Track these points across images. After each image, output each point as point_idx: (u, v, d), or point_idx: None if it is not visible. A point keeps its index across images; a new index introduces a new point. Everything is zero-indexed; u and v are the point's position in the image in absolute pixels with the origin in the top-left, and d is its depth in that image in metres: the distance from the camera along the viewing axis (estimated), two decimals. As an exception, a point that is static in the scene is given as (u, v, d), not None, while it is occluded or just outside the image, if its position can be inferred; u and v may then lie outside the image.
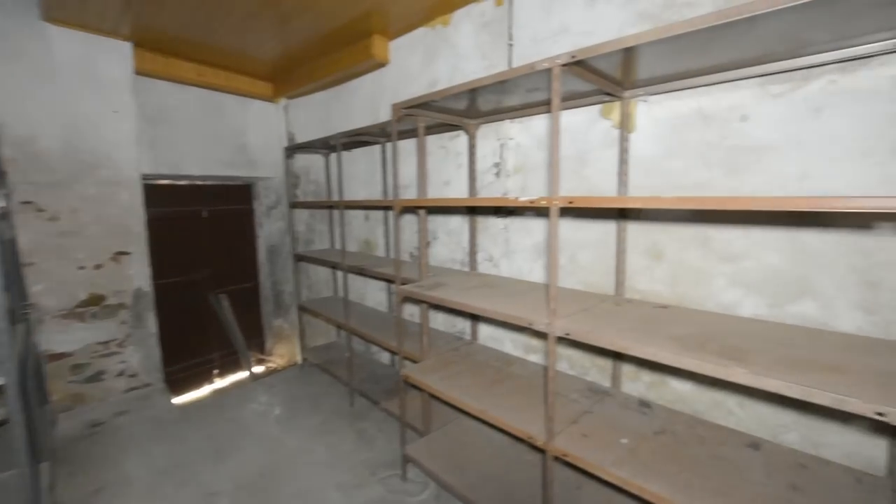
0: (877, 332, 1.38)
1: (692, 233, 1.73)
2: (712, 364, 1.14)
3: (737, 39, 1.25)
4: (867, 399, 0.93)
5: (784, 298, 1.54)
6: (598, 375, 2.08)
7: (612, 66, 1.53)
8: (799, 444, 1.55)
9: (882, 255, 1.35)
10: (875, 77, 1.34)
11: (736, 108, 1.60)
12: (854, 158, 1.38)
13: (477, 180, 2.50)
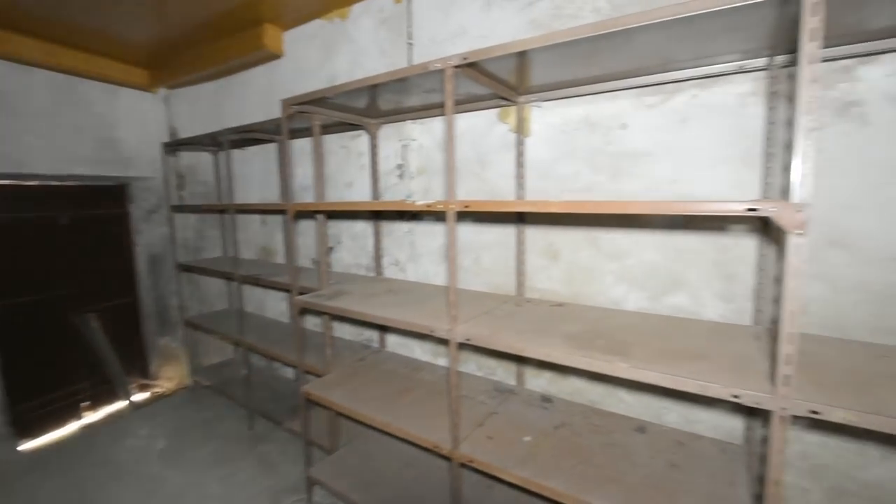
0: (734, 318, 1.55)
1: (583, 234, 1.82)
2: (600, 361, 1.18)
3: (615, 52, 1.32)
4: (725, 384, 1.03)
5: (661, 292, 1.68)
6: (505, 374, 2.12)
7: (505, 71, 1.54)
8: (677, 424, 1.71)
9: (736, 251, 1.53)
10: (724, 93, 1.51)
11: (617, 117, 1.71)
12: (714, 165, 1.55)
13: (380, 182, 2.42)
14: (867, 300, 1.36)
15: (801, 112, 0.88)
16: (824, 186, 1.38)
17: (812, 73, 0.86)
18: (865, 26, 1.17)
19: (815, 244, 1.40)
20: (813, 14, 0.87)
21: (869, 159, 1.33)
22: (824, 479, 1.49)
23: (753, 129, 1.46)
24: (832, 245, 1.39)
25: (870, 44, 1.26)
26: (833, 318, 1.41)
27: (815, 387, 1.01)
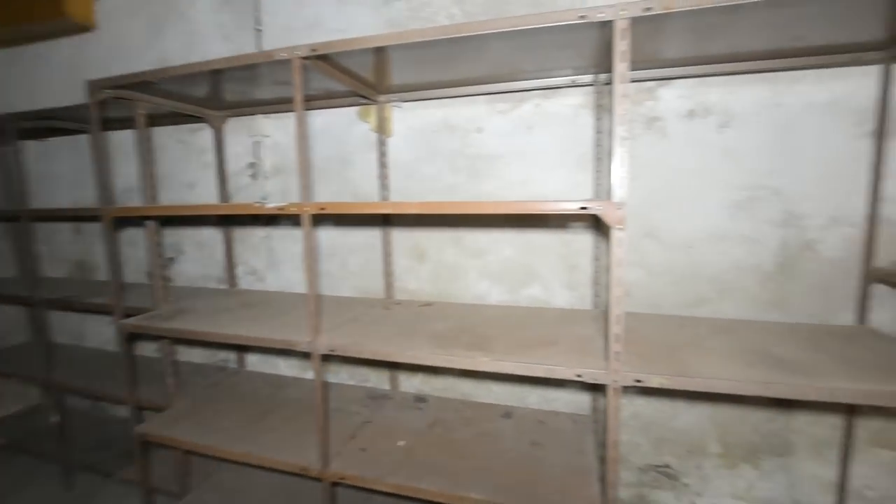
0: (579, 304, 1.75)
1: (448, 234, 1.87)
2: (463, 357, 1.21)
3: (467, 58, 1.37)
4: (570, 365, 1.14)
5: (519, 285, 1.81)
6: (379, 380, 2.07)
7: (362, 68, 1.49)
8: (538, 405, 1.86)
9: (577, 244, 1.72)
10: (562, 104, 1.68)
11: (473, 121, 1.79)
12: (557, 167, 1.72)
13: (229, 182, 2.15)
14: (673, 280, 1.66)
15: (616, 123, 1.01)
16: (639, 187, 1.64)
17: (623, 90, 1.00)
18: (661, 55, 1.41)
19: (633, 236, 1.65)
20: (622, 38, 1.00)
21: (669, 165, 1.61)
22: (650, 432, 1.78)
23: (585, 137, 1.66)
24: (647, 236, 1.65)
25: (666, 70, 1.52)
26: (650, 297, 1.68)
27: (638, 358, 1.18)
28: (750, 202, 1.55)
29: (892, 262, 1.39)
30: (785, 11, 1.04)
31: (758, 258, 1.57)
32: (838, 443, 1.61)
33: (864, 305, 1.48)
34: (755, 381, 1.05)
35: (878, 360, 1.17)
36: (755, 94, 1.52)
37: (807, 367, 1.13)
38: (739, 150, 1.55)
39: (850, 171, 1.47)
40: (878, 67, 1.37)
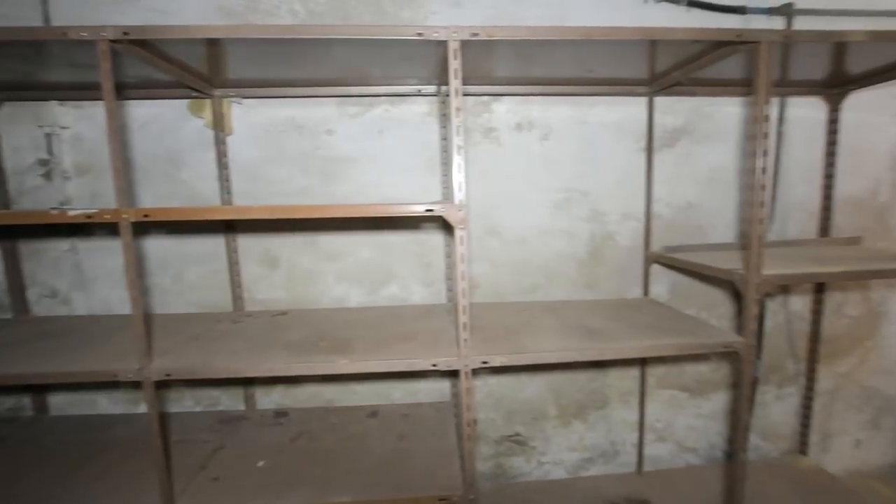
0: (434, 299, 1.87)
1: (302, 238, 1.81)
2: (322, 363, 1.20)
3: (313, 59, 1.35)
4: (426, 357, 1.22)
5: (378, 285, 1.85)
6: (231, 400, 1.89)
7: (191, 58, 1.34)
8: (403, 398, 1.93)
9: (430, 243, 1.84)
10: (410, 111, 1.77)
11: (323, 122, 1.76)
12: (407, 171, 1.80)
13: (9, 183, 1.71)
14: (512, 271, 1.89)
15: (453, 133, 1.12)
16: (482, 190, 1.82)
17: (458, 104, 1.11)
18: (494, 74, 1.60)
19: (479, 234, 1.84)
20: (455, 58, 1.11)
21: (504, 170, 1.83)
22: (502, 407, 2.00)
23: (433, 143, 1.78)
24: (489, 234, 1.85)
25: (498, 87, 1.72)
26: (494, 287, 1.88)
27: (484, 343, 1.32)
28: (566, 202, 1.87)
29: (661, 247, 1.83)
30: (575, 49, 1.28)
31: (574, 248, 1.90)
32: (637, 390, 2.04)
33: (646, 281, 1.91)
34: (573, 349, 1.28)
35: (656, 323, 1.53)
36: (566, 112, 1.82)
37: (609, 333, 1.42)
38: (557, 159, 1.84)
39: (634, 177, 1.88)
40: (645, 98, 1.79)
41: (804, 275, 1.39)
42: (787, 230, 2.03)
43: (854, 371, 2.29)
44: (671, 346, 1.31)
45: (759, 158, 1.21)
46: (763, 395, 2.18)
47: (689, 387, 2.11)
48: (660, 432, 2.13)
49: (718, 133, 1.90)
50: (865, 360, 2.29)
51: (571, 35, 1.14)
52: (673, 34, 1.18)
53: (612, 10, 1.77)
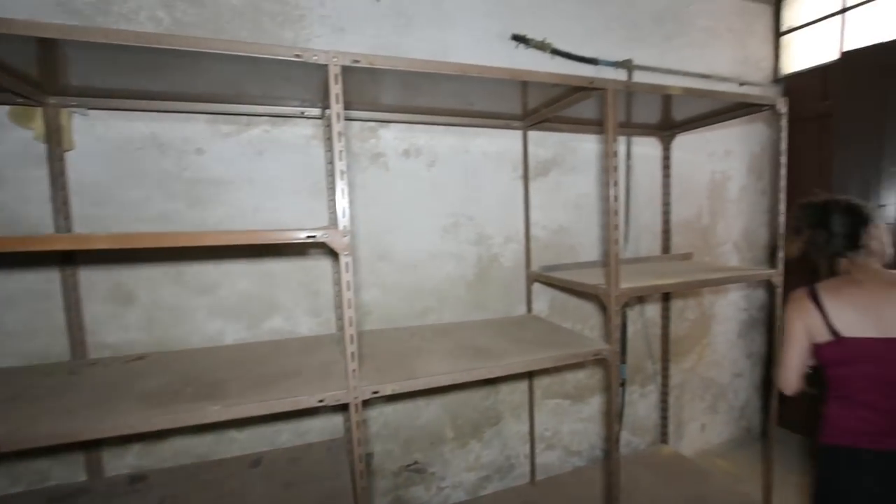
0: (323, 329, 1.77)
1: (164, 269, 1.59)
2: (186, 413, 1.05)
3: (180, 72, 1.22)
4: (311, 392, 1.14)
5: (259, 318, 1.70)
6: (67, 471, 1.55)
7: (17, 58, 1.12)
8: (291, 440, 1.77)
9: (317, 270, 1.75)
10: (293, 133, 1.70)
11: (191, 141, 1.60)
12: (291, 195, 1.71)
13: None
14: (404, 296, 1.88)
15: (336, 158, 1.09)
16: (372, 214, 1.81)
17: (340, 129, 1.09)
18: (381, 101, 1.61)
19: (369, 259, 1.81)
20: (336, 83, 1.10)
21: (393, 195, 1.84)
22: (399, 436, 1.94)
23: (318, 167, 1.72)
24: (380, 259, 1.83)
25: (385, 113, 1.74)
26: (387, 312, 1.86)
27: (375, 371, 1.28)
28: (454, 227, 1.94)
29: (540, 266, 1.99)
30: (455, 83, 1.36)
31: (463, 271, 1.97)
32: (527, 402, 2.16)
33: (529, 298, 2.05)
34: (463, 370, 1.30)
35: (538, 338, 1.64)
36: (451, 141, 1.91)
37: (497, 351, 1.48)
38: (444, 185, 1.91)
39: (514, 203, 2.03)
40: (520, 132, 1.96)
41: (652, 286, 1.62)
42: (640, 248, 2.36)
43: (695, 365, 2.71)
44: (550, 359, 1.41)
45: (611, 188, 1.40)
46: (630, 394, 2.46)
47: (571, 394, 2.30)
48: (548, 440, 2.27)
49: (582, 165, 2.16)
50: (703, 356, 2.74)
51: (448, 70, 1.21)
52: (537, 76, 1.32)
53: (488, 52, 1.93)
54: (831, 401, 1.32)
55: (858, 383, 1.25)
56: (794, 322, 1.33)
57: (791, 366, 1.34)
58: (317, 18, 1.70)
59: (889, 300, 1.24)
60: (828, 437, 1.31)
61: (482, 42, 1.94)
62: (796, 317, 1.33)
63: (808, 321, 1.30)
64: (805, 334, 1.31)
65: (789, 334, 1.35)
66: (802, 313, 1.32)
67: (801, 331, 1.31)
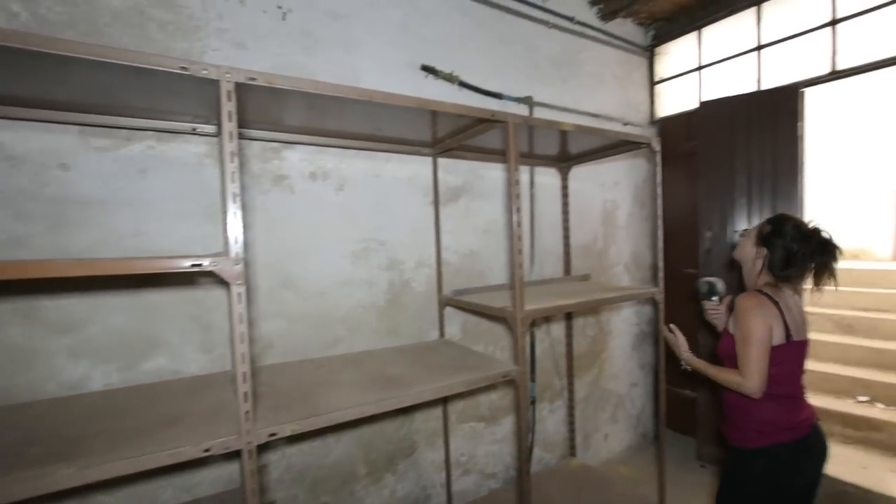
0: (217, 366, 1.60)
1: (12, 305, 1.33)
2: (29, 480, 0.86)
3: (41, 76, 1.05)
4: (196, 442, 1.01)
5: (136, 358, 1.48)
6: None
7: None
8: (176, 497, 1.55)
9: (209, 301, 1.59)
10: (183, 151, 1.55)
11: (54, 154, 1.38)
12: (180, 218, 1.54)
13: None
14: (312, 325, 1.78)
15: (227, 180, 1.01)
16: (275, 240, 1.70)
17: (232, 147, 1.01)
18: (286, 121, 1.54)
19: (272, 288, 1.69)
20: (228, 99, 1.02)
21: (299, 220, 1.75)
22: (305, 479, 1.80)
23: (213, 188, 1.59)
24: (284, 287, 1.72)
25: (290, 134, 1.67)
26: (292, 344, 1.73)
27: (274, 411, 1.18)
28: (365, 252, 1.90)
29: (451, 291, 2.01)
30: (363, 108, 1.35)
31: (374, 297, 1.92)
32: (442, 429, 2.13)
33: (442, 323, 2.06)
34: (372, 401, 1.25)
35: (450, 362, 1.64)
36: (361, 165, 1.89)
37: (409, 379, 1.44)
38: (354, 210, 1.87)
39: (425, 228, 2.04)
40: (430, 158, 2.00)
41: (555, 307, 1.72)
42: (545, 271, 2.51)
43: (597, 378, 2.91)
44: (461, 384, 1.41)
45: (514, 214, 1.47)
46: (540, 411, 2.55)
47: (485, 416, 2.32)
48: (464, 465, 2.26)
49: (489, 192, 2.26)
50: (603, 369, 2.95)
51: (354, 94, 1.19)
52: (443, 107, 1.36)
53: (398, 80, 1.96)
54: (763, 401, 1.40)
55: (783, 381, 1.42)
56: (761, 325, 1.38)
57: (760, 368, 1.37)
58: (213, 31, 1.60)
59: (797, 307, 1.47)
60: (768, 437, 1.42)
61: (392, 69, 1.97)
62: (762, 321, 1.38)
63: (773, 324, 1.39)
64: (770, 336, 1.39)
65: (757, 337, 1.37)
66: (768, 317, 1.39)
67: (768, 333, 1.38)
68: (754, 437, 1.45)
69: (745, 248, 1.55)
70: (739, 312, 1.43)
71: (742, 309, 1.43)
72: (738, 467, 1.51)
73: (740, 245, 1.59)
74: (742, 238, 1.60)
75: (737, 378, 1.41)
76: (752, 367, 1.37)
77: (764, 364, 1.37)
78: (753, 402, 1.42)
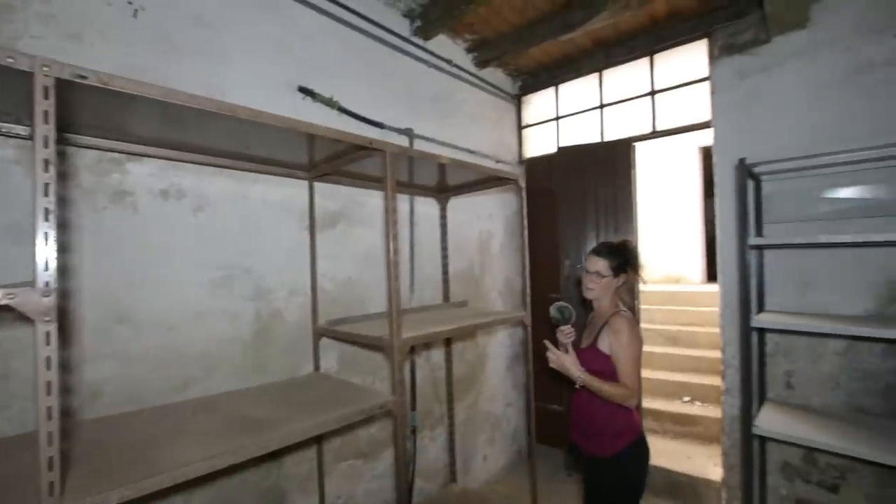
0: (16, 428, 1.25)
1: None
2: None
3: None
4: (-35, 534, 0.76)
5: None
6: None
7: None
8: None
9: (9, 344, 1.25)
10: (-21, 154, 1.24)
11: None
12: (-32, 239, 1.21)
13: None
14: (155, 367, 1.52)
15: (39, 193, 0.83)
16: (109, 267, 1.43)
17: (46, 155, 0.84)
18: (132, 130, 1.34)
19: (104, 322, 1.41)
20: (44, 97, 0.85)
21: (144, 243, 1.51)
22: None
23: (24, 201, 1.28)
24: (120, 321, 1.45)
25: (137, 146, 1.45)
26: (128, 391, 1.45)
27: (95, 477, 0.96)
28: (227, 280, 1.71)
29: (327, 320, 1.92)
30: (227, 124, 1.24)
31: (238, 330, 1.73)
32: (316, 471, 1.97)
33: (317, 355, 1.93)
34: (228, 450, 1.10)
35: (323, 398, 1.54)
36: (226, 185, 1.72)
37: (275, 420, 1.31)
38: (215, 233, 1.68)
39: (299, 254, 1.93)
40: (306, 182, 1.92)
41: (432, 333, 1.74)
42: (425, 297, 2.55)
43: (475, 402, 3.01)
44: (333, 420, 1.33)
45: (390, 241, 1.47)
46: (421, 440, 2.53)
47: (364, 452, 2.22)
48: (341, 508, 2.11)
49: (369, 218, 2.24)
50: (481, 392, 3.07)
51: (213, 107, 1.09)
52: (317, 130, 1.32)
53: (272, 100, 1.86)
54: (626, 409, 1.65)
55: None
56: (638, 343, 1.64)
57: (639, 380, 1.63)
58: (35, 15, 1.34)
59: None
60: (635, 434, 1.66)
61: (265, 87, 1.87)
62: (638, 340, 1.65)
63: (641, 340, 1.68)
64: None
65: (636, 354, 1.63)
66: (640, 335, 1.67)
67: (641, 349, 1.66)
68: (618, 443, 1.65)
69: (596, 288, 1.73)
70: (619, 332, 1.63)
71: (622, 329, 1.63)
72: (607, 473, 1.70)
73: (588, 288, 1.74)
74: (588, 279, 1.74)
75: (623, 391, 1.58)
76: (636, 381, 1.60)
77: (639, 377, 1.63)
78: (619, 410, 1.64)
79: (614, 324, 1.66)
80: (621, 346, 1.62)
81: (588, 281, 1.76)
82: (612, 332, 1.65)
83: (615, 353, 1.64)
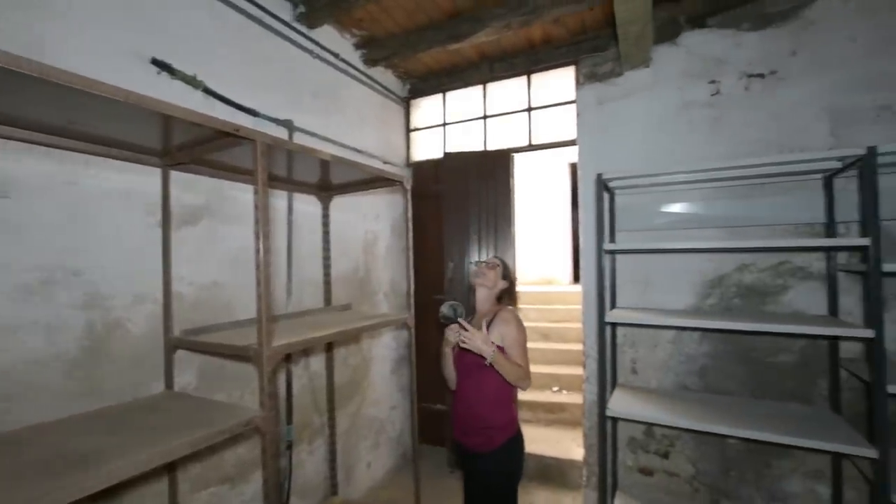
0: None
1: None
2: None
3: None
4: None
5: None
6: None
7: None
8: None
9: None
10: None
11: None
12: None
13: None
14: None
15: None
16: None
17: None
18: None
19: None
20: None
21: None
22: None
23: None
24: None
25: None
26: None
27: None
28: (45, 285, 1.38)
29: (183, 330, 1.67)
30: (35, 90, 1.00)
31: (61, 346, 1.41)
32: None
33: (170, 371, 1.67)
34: (28, 500, 0.87)
35: (174, 421, 1.33)
36: (45, 167, 1.40)
37: (105, 452, 1.09)
38: (28, 227, 1.35)
39: (149, 253, 1.65)
40: (159, 170, 1.65)
41: (309, 339, 1.63)
42: (304, 301, 2.39)
43: (360, 408, 2.92)
44: (184, 445, 1.15)
45: (260, 241, 1.33)
46: (298, 455, 2.36)
47: (230, 475, 1.98)
48: (200, 543, 1.85)
49: (240, 216, 2.02)
50: (366, 396, 2.98)
51: (25, 68, 0.87)
52: (168, 109, 1.14)
53: (116, 70, 1.57)
54: (509, 403, 1.79)
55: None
56: (524, 333, 1.79)
57: (528, 364, 1.76)
58: None
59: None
60: (513, 430, 1.79)
61: (108, 55, 1.57)
62: (524, 330, 1.79)
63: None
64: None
65: (524, 342, 1.77)
66: (524, 327, 1.81)
67: (526, 338, 1.80)
68: (498, 438, 1.74)
69: (492, 278, 1.91)
70: (509, 322, 1.78)
71: (511, 320, 1.79)
72: (487, 467, 1.77)
73: (486, 275, 1.91)
74: (486, 268, 1.94)
75: (522, 371, 1.73)
76: (528, 366, 1.76)
77: (528, 361, 1.78)
78: (498, 408, 1.76)
79: (504, 316, 1.81)
80: (512, 334, 1.76)
81: (483, 269, 1.93)
82: (503, 323, 1.78)
83: (507, 342, 1.76)
